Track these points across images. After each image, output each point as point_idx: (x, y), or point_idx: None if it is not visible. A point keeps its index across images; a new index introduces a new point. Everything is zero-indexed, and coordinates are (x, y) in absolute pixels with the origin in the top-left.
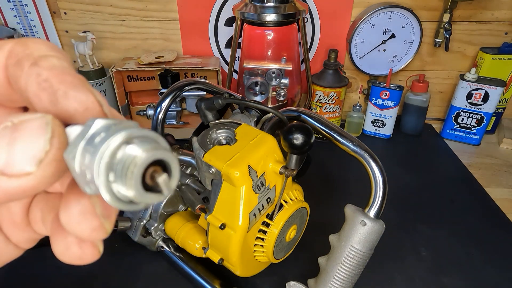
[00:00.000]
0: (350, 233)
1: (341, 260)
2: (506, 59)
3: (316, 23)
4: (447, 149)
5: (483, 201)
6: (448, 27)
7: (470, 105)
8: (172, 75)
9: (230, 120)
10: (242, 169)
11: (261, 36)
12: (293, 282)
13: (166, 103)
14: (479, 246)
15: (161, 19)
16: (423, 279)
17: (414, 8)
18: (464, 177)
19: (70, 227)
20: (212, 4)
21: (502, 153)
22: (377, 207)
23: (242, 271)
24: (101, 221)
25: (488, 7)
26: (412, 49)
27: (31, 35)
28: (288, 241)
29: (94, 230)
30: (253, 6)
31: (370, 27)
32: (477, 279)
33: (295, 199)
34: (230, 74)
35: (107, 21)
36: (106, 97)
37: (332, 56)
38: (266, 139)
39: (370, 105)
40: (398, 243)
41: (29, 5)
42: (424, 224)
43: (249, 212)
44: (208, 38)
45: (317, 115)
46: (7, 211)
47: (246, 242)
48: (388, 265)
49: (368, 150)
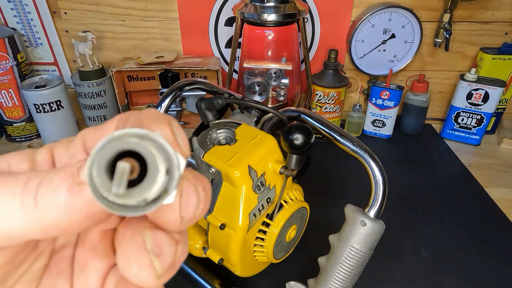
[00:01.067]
0: (350, 233)
1: (341, 260)
2: (506, 59)
3: (316, 23)
4: (447, 149)
5: (483, 201)
6: (448, 27)
7: (470, 105)
8: (172, 75)
9: (230, 120)
10: (242, 169)
11: (261, 36)
12: (293, 282)
13: (166, 103)
14: (479, 246)
15: (161, 19)
16: (423, 279)
17: (414, 8)
18: (464, 177)
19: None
20: (212, 4)
21: (502, 153)
22: (377, 207)
23: (242, 271)
24: (150, 258)
25: (488, 7)
26: (412, 49)
27: (31, 35)
28: (288, 241)
29: (142, 268)
30: (253, 6)
31: (370, 27)
32: (477, 279)
33: (295, 199)
34: (230, 74)
35: (107, 21)
36: (106, 97)
37: (332, 56)
38: (266, 139)
39: (370, 105)
40: (398, 243)
41: (29, 5)
42: (424, 224)
43: (249, 212)
44: (208, 38)
45: (317, 115)
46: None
47: (246, 242)
48: (388, 265)
49: (368, 150)
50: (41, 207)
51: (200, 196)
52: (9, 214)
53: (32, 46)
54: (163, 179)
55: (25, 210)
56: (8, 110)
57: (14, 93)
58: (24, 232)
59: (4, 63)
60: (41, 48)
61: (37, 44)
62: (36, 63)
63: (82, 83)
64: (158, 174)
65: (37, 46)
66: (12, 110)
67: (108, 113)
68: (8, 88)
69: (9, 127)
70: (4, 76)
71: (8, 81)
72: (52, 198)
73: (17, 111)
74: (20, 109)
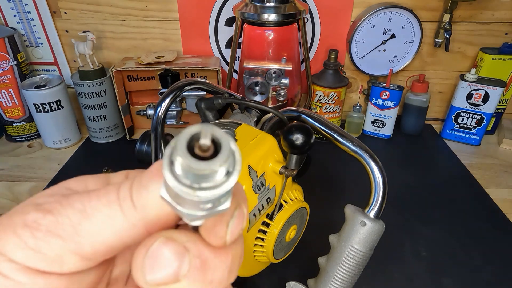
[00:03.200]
0: (350, 233)
1: (341, 260)
2: (506, 60)
3: (316, 23)
4: (447, 150)
5: (483, 201)
6: (448, 28)
7: (470, 105)
8: (172, 75)
9: (230, 120)
10: (242, 169)
11: (261, 36)
12: (293, 282)
13: (166, 103)
14: (479, 246)
15: (161, 19)
16: (423, 279)
17: (414, 8)
18: (464, 177)
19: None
20: (212, 4)
21: (502, 153)
22: (377, 207)
23: (242, 271)
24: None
25: (488, 8)
26: (412, 49)
27: (31, 35)
28: (288, 241)
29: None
30: (253, 6)
31: (370, 27)
32: (477, 279)
33: (295, 199)
34: (230, 74)
35: (107, 21)
36: (106, 97)
37: (332, 56)
38: (266, 139)
39: (370, 105)
40: (398, 243)
41: (29, 4)
42: (424, 224)
43: (249, 212)
44: (208, 38)
45: (317, 115)
46: None
47: (246, 242)
48: (388, 265)
49: (368, 150)
50: (139, 206)
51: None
52: (111, 223)
53: (32, 46)
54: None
55: (125, 214)
56: (8, 110)
57: (14, 93)
58: (126, 237)
59: (4, 63)
60: (41, 48)
61: (37, 44)
62: (36, 63)
63: (82, 83)
64: (228, 156)
65: (37, 46)
66: (12, 110)
67: (108, 113)
68: (8, 88)
69: (9, 127)
70: (4, 76)
71: (8, 81)
72: (147, 195)
73: (17, 111)
74: (20, 109)
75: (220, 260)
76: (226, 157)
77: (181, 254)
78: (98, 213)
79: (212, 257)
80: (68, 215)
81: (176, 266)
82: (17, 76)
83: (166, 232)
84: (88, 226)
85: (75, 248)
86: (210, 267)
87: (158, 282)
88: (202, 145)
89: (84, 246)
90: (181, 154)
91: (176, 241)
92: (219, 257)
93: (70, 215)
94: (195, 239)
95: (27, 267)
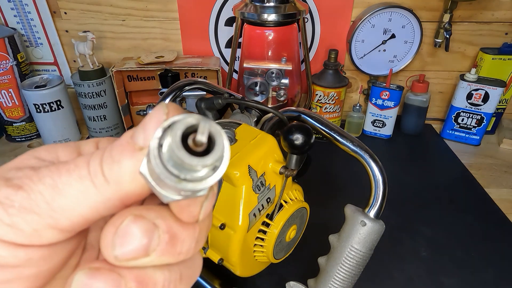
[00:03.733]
0: (350, 233)
1: (341, 260)
2: (506, 60)
3: (316, 23)
4: (447, 149)
5: (483, 201)
6: (448, 28)
7: (470, 105)
8: (172, 75)
9: (230, 120)
10: (242, 169)
11: (261, 36)
12: (293, 282)
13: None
14: (479, 246)
15: (161, 19)
16: (423, 279)
17: (414, 8)
18: (464, 177)
19: None
20: (212, 4)
21: (502, 153)
22: (377, 207)
23: (242, 271)
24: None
25: (488, 8)
26: (412, 49)
27: (31, 35)
28: (288, 241)
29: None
30: (253, 6)
31: (370, 27)
32: (477, 279)
33: (295, 199)
34: (230, 74)
35: (107, 21)
36: (106, 97)
37: (332, 56)
38: (266, 139)
39: (370, 105)
40: (398, 243)
41: (29, 4)
42: (424, 224)
43: (249, 212)
44: (208, 38)
45: (317, 115)
46: None
47: (246, 242)
48: (388, 266)
49: (368, 150)
50: (112, 180)
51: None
52: (85, 197)
53: (32, 46)
54: (227, 153)
55: (99, 189)
56: (8, 110)
57: (14, 93)
58: (103, 209)
59: (4, 63)
60: (41, 48)
61: (37, 44)
62: (36, 63)
63: (82, 83)
64: (224, 148)
65: (37, 46)
66: (12, 110)
67: (108, 113)
68: (8, 88)
69: (9, 127)
70: (4, 76)
71: (8, 81)
72: (120, 169)
73: (17, 111)
74: (20, 109)
75: (188, 233)
76: (219, 156)
77: (150, 231)
78: (70, 189)
79: (181, 231)
80: (40, 191)
81: (146, 243)
82: (17, 76)
83: (134, 209)
84: (62, 202)
85: (52, 223)
86: (178, 241)
87: (127, 257)
88: (198, 141)
89: (60, 221)
90: (175, 147)
91: (146, 219)
92: (187, 231)
93: (42, 191)
94: (164, 215)
95: (6, 241)
